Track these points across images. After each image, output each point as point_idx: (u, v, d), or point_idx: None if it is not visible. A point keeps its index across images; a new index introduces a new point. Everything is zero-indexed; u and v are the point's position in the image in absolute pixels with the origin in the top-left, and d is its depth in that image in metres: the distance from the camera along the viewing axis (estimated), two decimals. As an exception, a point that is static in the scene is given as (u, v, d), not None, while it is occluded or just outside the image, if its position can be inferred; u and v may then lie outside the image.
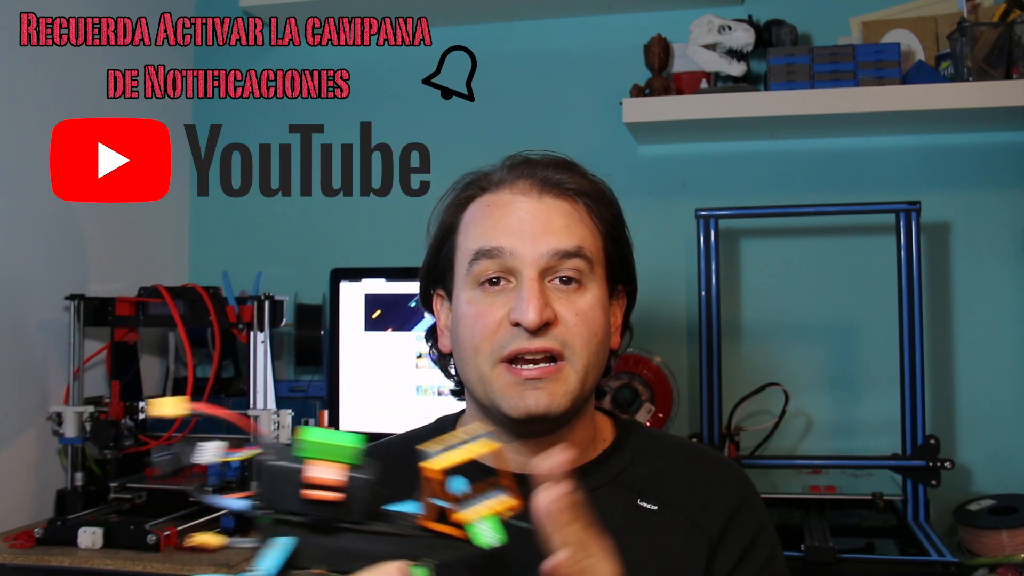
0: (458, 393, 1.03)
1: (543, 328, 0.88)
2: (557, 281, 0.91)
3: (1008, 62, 1.69)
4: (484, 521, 0.62)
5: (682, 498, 0.95)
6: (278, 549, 0.60)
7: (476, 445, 0.64)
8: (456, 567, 0.61)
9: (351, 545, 0.61)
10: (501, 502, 0.63)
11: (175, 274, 2.17)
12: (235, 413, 0.68)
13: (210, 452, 0.64)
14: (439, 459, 0.61)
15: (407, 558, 0.60)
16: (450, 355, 0.99)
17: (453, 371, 1.00)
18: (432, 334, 1.03)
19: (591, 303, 0.92)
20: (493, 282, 0.91)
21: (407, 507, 0.63)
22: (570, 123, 2.06)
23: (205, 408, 0.66)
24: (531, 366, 0.89)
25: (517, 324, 0.88)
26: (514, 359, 0.89)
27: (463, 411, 1.03)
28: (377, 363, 1.89)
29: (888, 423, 1.78)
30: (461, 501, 0.62)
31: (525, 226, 0.91)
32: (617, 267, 0.97)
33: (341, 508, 0.60)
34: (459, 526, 0.62)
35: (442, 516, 0.62)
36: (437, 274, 1.00)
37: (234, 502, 0.62)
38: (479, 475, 0.65)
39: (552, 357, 0.89)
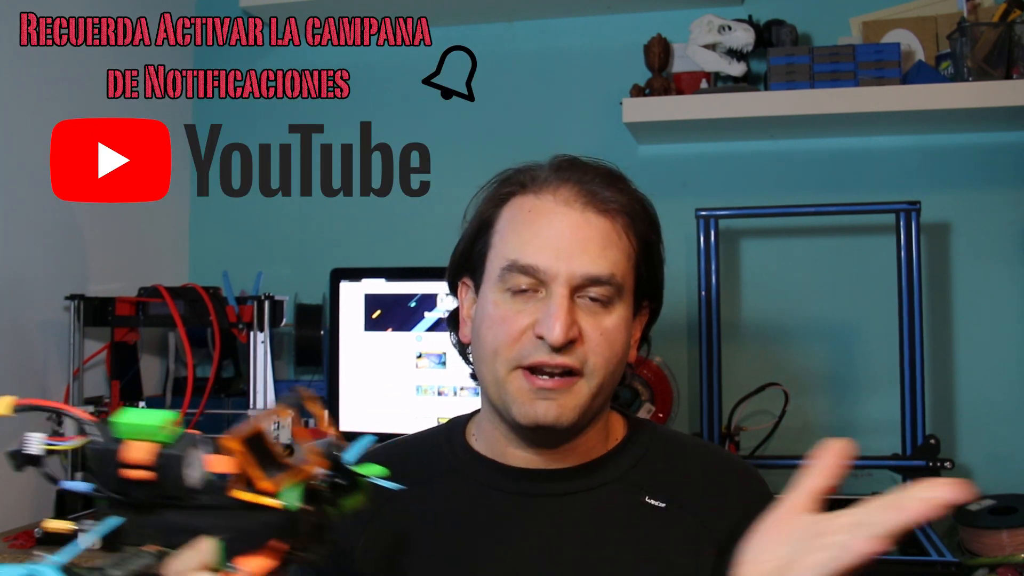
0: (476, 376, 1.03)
1: (567, 345, 0.88)
2: (587, 299, 0.91)
3: (1008, 62, 1.69)
4: (290, 488, 0.64)
5: (691, 498, 0.95)
6: (101, 528, 0.63)
7: (277, 410, 0.67)
8: (253, 535, 0.63)
9: (175, 520, 0.63)
10: (305, 466, 0.65)
11: (175, 274, 2.17)
12: (70, 406, 0.71)
13: (34, 444, 0.66)
14: (238, 434, 0.63)
15: (224, 530, 0.62)
16: (468, 344, 0.99)
17: (471, 358, 1.00)
18: (454, 319, 1.03)
19: (616, 323, 0.92)
20: (522, 289, 0.91)
21: (222, 479, 0.65)
22: (570, 123, 2.06)
23: (37, 402, 0.69)
24: (547, 377, 0.89)
25: (541, 337, 0.88)
26: (532, 369, 0.89)
27: (476, 412, 1.04)
28: (377, 363, 1.89)
29: (888, 423, 1.78)
30: (268, 469, 0.64)
31: (563, 243, 0.90)
32: (645, 286, 0.97)
33: (156, 485, 0.62)
34: (268, 494, 0.63)
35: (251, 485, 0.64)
36: (468, 264, 0.99)
37: (78, 485, 0.66)
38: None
39: (570, 372, 0.89)
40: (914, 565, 1.46)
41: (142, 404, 1.80)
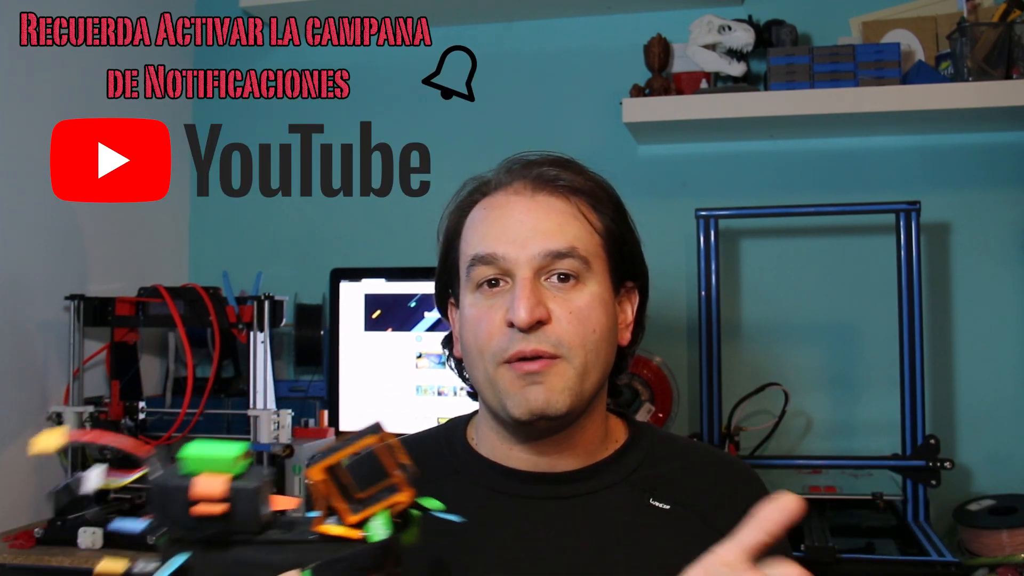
0: (475, 395, 1.03)
1: (536, 327, 0.88)
2: (554, 279, 0.91)
3: (1008, 62, 1.69)
4: (376, 518, 0.62)
5: (694, 498, 0.95)
6: (168, 567, 0.60)
7: (361, 441, 0.64)
8: (343, 563, 0.61)
9: (247, 556, 0.61)
10: (393, 497, 0.63)
11: (175, 274, 2.17)
12: (126, 438, 0.67)
13: (94, 479, 0.64)
14: (319, 463, 0.62)
15: (303, 564, 0.60)
16: (462, 360, 1.00)
17: (467, 375, 1.01)
18: (448, 341, 1.04)
19: (588, 300, 0.91)
20: (492, 283, 0.92)
21: (306, 514, 0.63)
22: (570, 123, 2.06)
23: (90, 436, 0.66)
24: (529, 361, 0.89)
25: (512, 324, 0.89)
26: (511, 361, 0.90)
27: (475, 412, 1.04)
28: (377, 363, 1.89)
29: (888, 423, 1.78)
30: (354, 503, 0.62)
31: (520, 228, 0.91)
32: (621, 263, 0.97)
33: (228, 520, 0.60)
34: (354, 526, 0.62)
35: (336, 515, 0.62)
36: (447, 280, 1.00)
37: (133, 523, 0.63)
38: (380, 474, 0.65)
39: (548, 357, 0.89)
40: (914, 565, 1.46)
41: (142, 404, 1.79)
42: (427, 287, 1.86)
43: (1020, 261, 1.86)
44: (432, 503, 0.67)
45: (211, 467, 0.60)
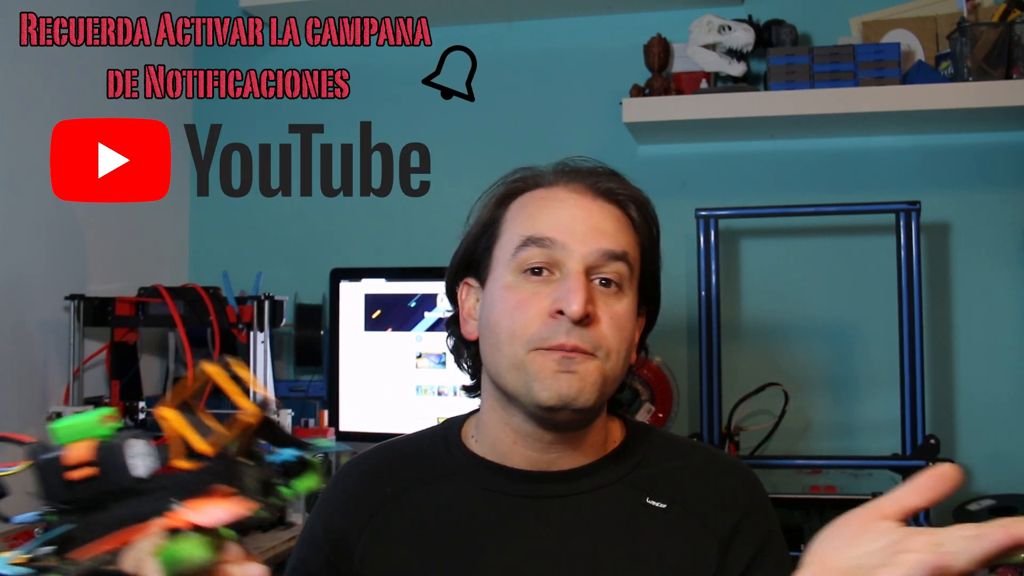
0: (470, 389, 1.03)
1: (583, 321, 0.88)
2: (597, 282, 0.91)
3: (1008, 62, 1.69)
4: (228, 442, 0.64)
5: (691, 498, 0.95)
6: (51, 534, 0.63)
7: (202, 376, 0.65)
8: (198, 482, 0.62)
9: (127, 512, 0.62)
10: (241, 417, 0.64)
11: (175, 274, 2.17)
12: (8, 433, 0.69)
13: None
14: (168, 401, 0.63)
15: (182, 496, 0.61)
16: (472, 343, 0.99)
17: (469, 362, 1.00)
18: (453, 323, 1.02)
19: (627, 309, 0.92)
20: (536, 271, 0.91)
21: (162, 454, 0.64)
22: (570, 123, 2.06)
23: None
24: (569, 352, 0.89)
25: (559, 314, 0.88)
26: (550, 349, 0.89)
27: (472, 412, 1.03)
28: (377, 363, 1.89)
29: (888, 423, 1.78)
30: (204, 432, 0.63)
31: (577, 223, 0.92)
32: (647, 284, 0.98)
33: (101, 480, 0.61)
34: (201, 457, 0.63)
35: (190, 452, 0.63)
36: (472, 263, 0.99)
37: (27, 516, 0.65)
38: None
39: (584, 353, 0.89)
40: (914, 565, 1.45)
41: (142, 404, 1.79)
42: (427, 287, 1.86)
43: (1020, 261, 1.86)
44: (322, 443, 0.70)
45: (80, 435, 0.62)
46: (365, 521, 0.94)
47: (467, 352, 1.01)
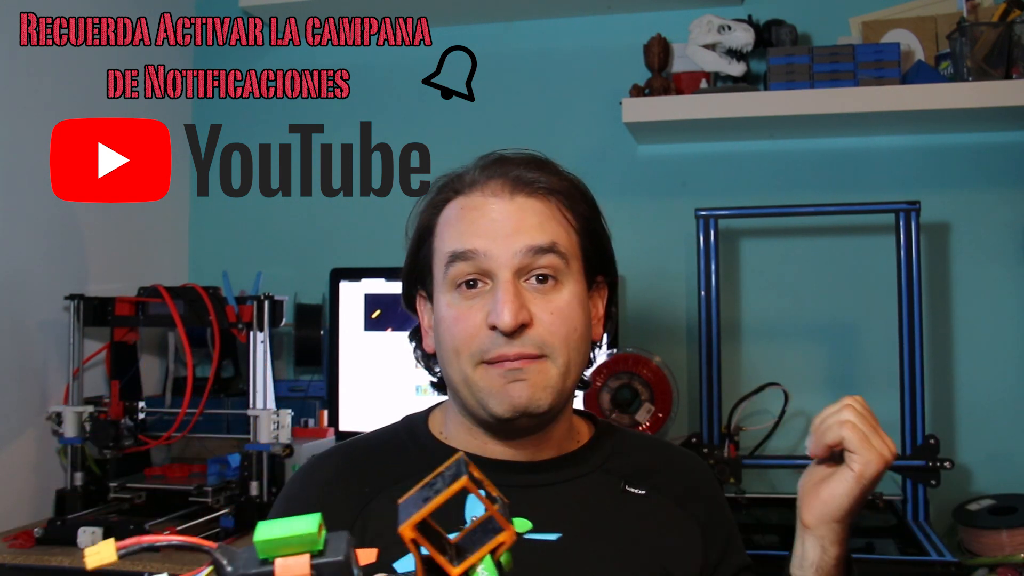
0: (439, 387, 1.04)
1: (519, 330, 0.89)
2: (533, 280, 0.91)
3: (1008, 62, 1.69)
4: (480, 565, 0.57)
5: (665, 485, 0.99)
6: None
7: (452, 487, 0.58)
8: None
9: None
10: (496, 539, 0.58)
11: (175, 274, 2.17)
12: (191, 537, 0.59)
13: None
14: (410, 519, 0.57)
15: None
16: (434, 355, 1.00)
17: (437, 370, 1.01)
18: (416, 334, 1.04)
19: (568, 299, 0.92)
20: (470, 284, 0.92)
21: (402, 566, 0.59)
22: (570, 123, 2.06)
23: (147, 540, 0.57)
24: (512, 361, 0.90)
25: (495, 327, 0.89)
26: (492, 363, 0.90)
27: (434, 407, 1.04)
28: (377, 363, 1.89)
29: (888, 423, 1.76)
30: (450, 549, 0.58)
31: (498, 227, 0.91)
32: (594, 260, 0.98)
33: None
34: None
35: (436, 568, 0.57)
36: (417, 276, 1.00)
37: None
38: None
39: (530, 358, 0.90)
40: (914, 565, 1.46)
41: (142, 404, 1.79)
42: (427, 287, 1.86)
43: (1020, 261, 1.86)
44: (522, 525, 0.65)
45: (290, 547, 0.54)
46: (350, 523, 0.92)
47: (432, 362, 1.02)
